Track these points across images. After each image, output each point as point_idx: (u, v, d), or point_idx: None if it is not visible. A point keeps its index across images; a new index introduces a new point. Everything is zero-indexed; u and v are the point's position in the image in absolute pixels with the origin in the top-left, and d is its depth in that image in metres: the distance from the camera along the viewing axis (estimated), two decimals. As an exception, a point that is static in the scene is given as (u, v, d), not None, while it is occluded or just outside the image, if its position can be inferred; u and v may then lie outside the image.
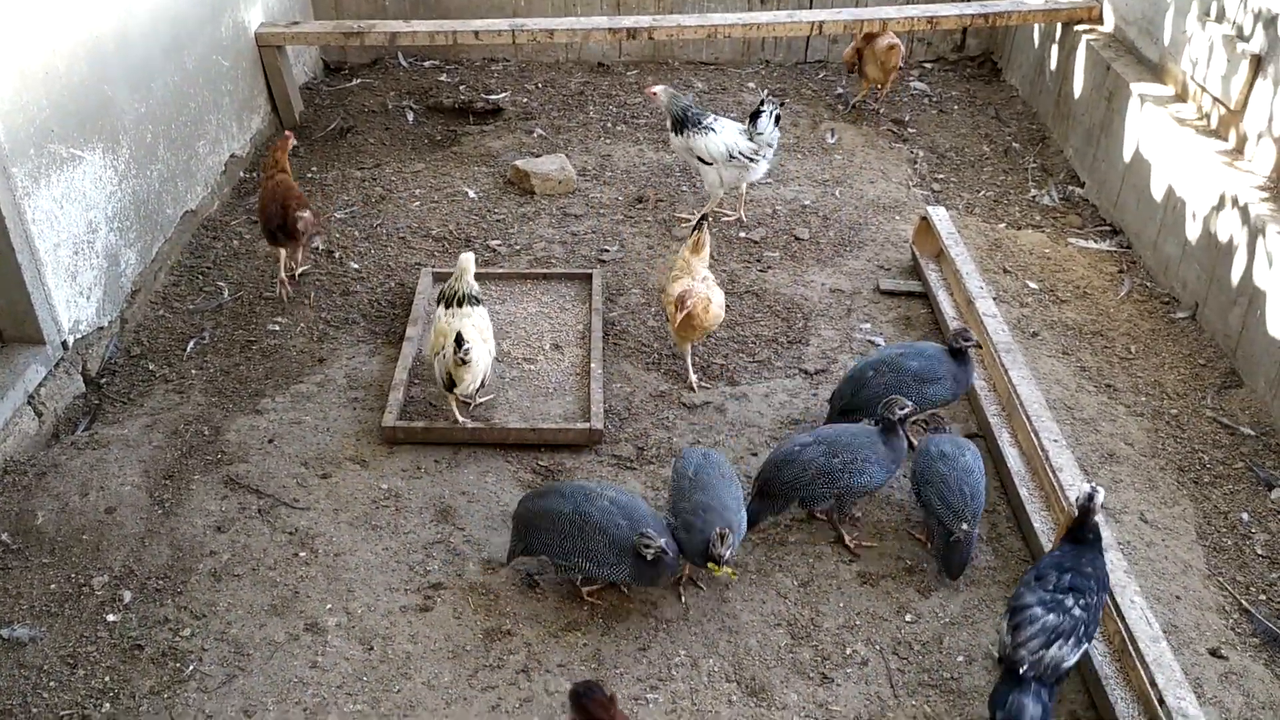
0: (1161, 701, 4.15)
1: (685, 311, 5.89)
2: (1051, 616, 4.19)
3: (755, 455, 5.83)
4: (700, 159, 7.57)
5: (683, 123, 7.62)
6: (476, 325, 5.72)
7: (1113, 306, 7.12)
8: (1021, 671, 4.10)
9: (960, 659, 4.76)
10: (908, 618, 4.95)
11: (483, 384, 5.77)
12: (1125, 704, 4.33)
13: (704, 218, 6.33)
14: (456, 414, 5.80)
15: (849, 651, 4.79)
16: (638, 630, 4.84)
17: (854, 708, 4.55)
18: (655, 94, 7.76)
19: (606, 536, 4.66)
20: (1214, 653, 4.74)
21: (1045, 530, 5.15)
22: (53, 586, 4.87)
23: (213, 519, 5.29)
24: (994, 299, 6.58)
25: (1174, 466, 5.78)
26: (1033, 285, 7.32)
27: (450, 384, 5.61)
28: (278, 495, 5.44)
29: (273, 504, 5.39)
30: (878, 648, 4.81)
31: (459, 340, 5.41)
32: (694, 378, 6.32)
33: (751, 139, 7.49)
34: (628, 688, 4.55)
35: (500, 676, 4.63)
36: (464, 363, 5.45)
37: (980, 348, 5.96)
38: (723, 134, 7.50)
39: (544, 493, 4.94)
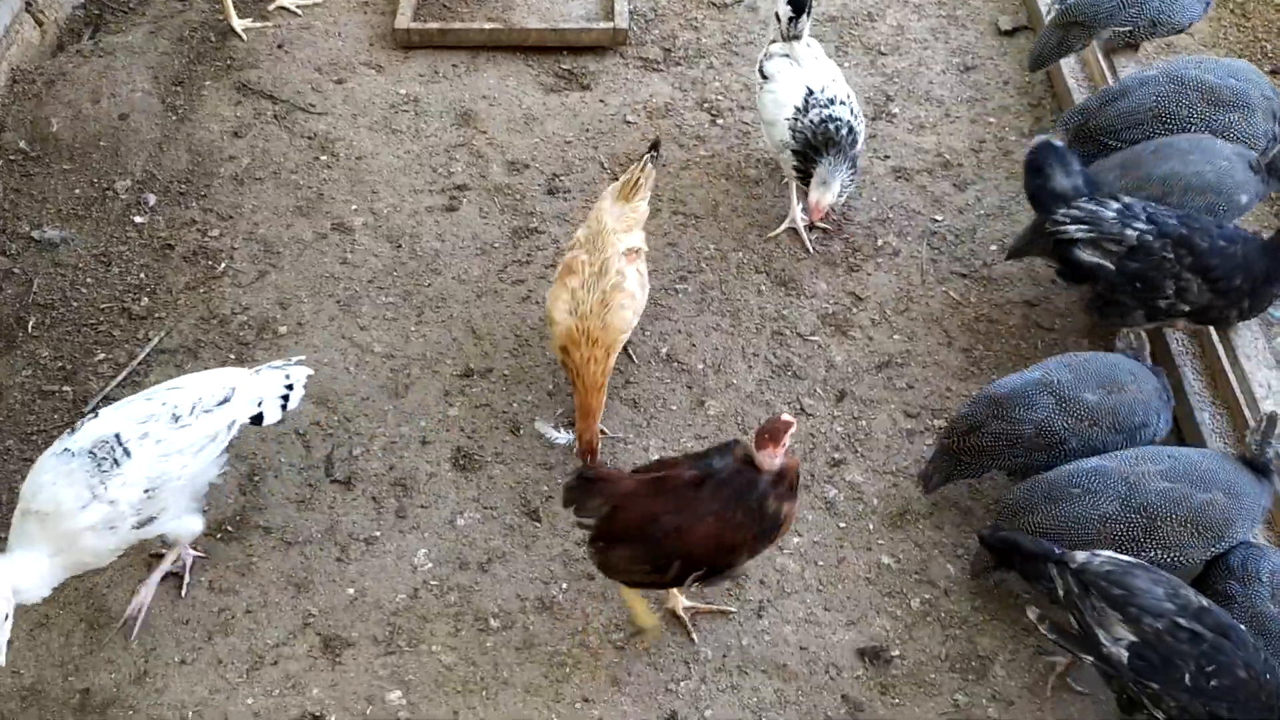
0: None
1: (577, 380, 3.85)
2: None
3: (788, 54, 5.53)
4: None
5: None
6: None
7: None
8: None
9: (994, 248, 4.71)
10: (942, 210, 4.86)
11: None
12: None
13: (656, 145, 4.33)
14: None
15: (880, 243, 4.74)
16: (666, 226, 4.80)
17: (882, 294, 4.56)
18: None
19: None
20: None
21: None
22: (77, 191, 4.83)
23: (229, 124, 5.16)
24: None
25: (1234, 55, 5.44)
26: None
27: None
28: (293, 101, 5.27)
29: (289, 109, 5.23)
30: (909, 239, 4.76)
31: None
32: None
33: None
34: (658, 280, 4.56)
35: (529, 271, 4.64)
36: None
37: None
38: None
39: None
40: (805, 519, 3.87)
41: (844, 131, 4.38)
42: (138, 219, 4.78)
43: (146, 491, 3.24)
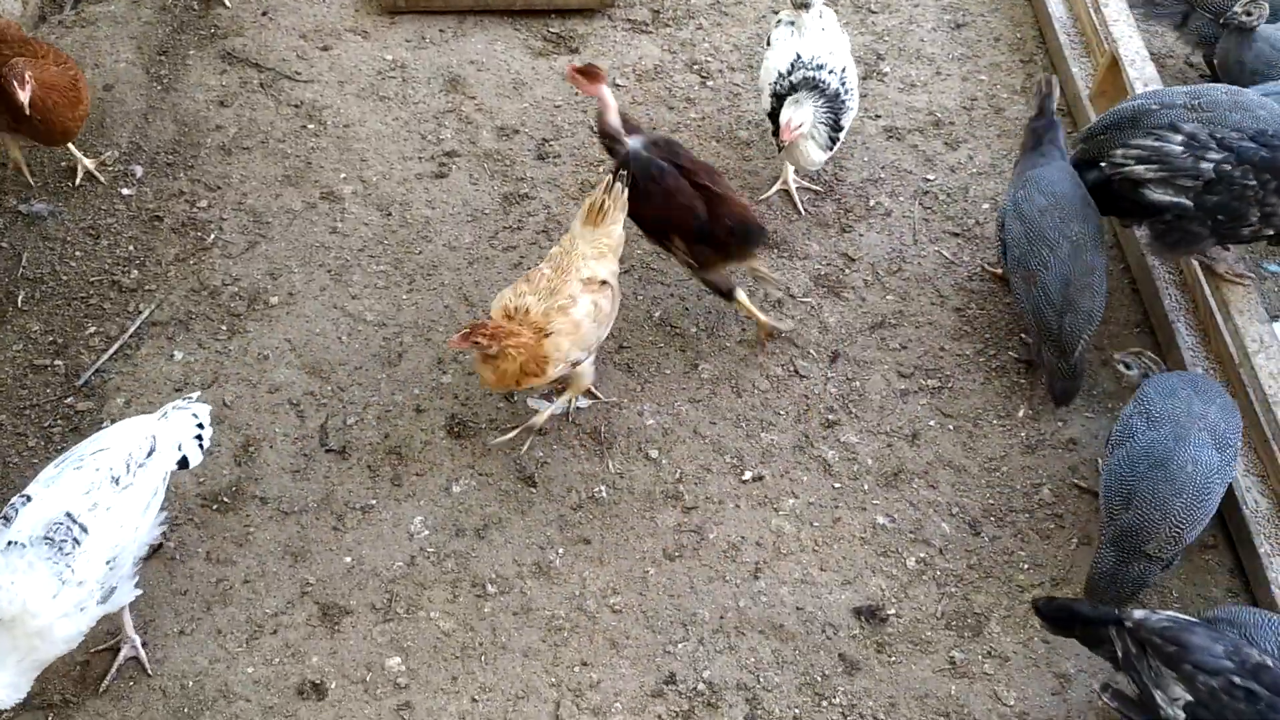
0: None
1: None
2: None
3: (777, 14, 5.47)
4: None
5: None
6: None
7: None
8: None
9: (985, 206, 4.69)
10: (934, 170, 4.83)
11: None
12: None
13: (623, 167, 3.94)
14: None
15: (872, 204, 4.72)
16: (657, 189, 4.77)
17: (874, 254, 4.55)
18: None
19: None
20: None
21: (1084, 75, 4.91)
22: (63, 163, 4.79)
23: (214, 94, 5.11)
24: None
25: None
26: None
27: None
28: (278, 69, 5.21)
29: (274, 77, 5.18)
30: (901, 199, 4.74)
31: None
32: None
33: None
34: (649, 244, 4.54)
35: (520, 237, 4.62)
36: None
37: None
38: None
39: None
40: (800, 480, 3.89)
41: (822, 83, 4.28)
42: (125, 191, 4.74)
43: (108, 563, 3.09)
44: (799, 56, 4.38)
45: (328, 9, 5.50)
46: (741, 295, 4.14)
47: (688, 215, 3.94)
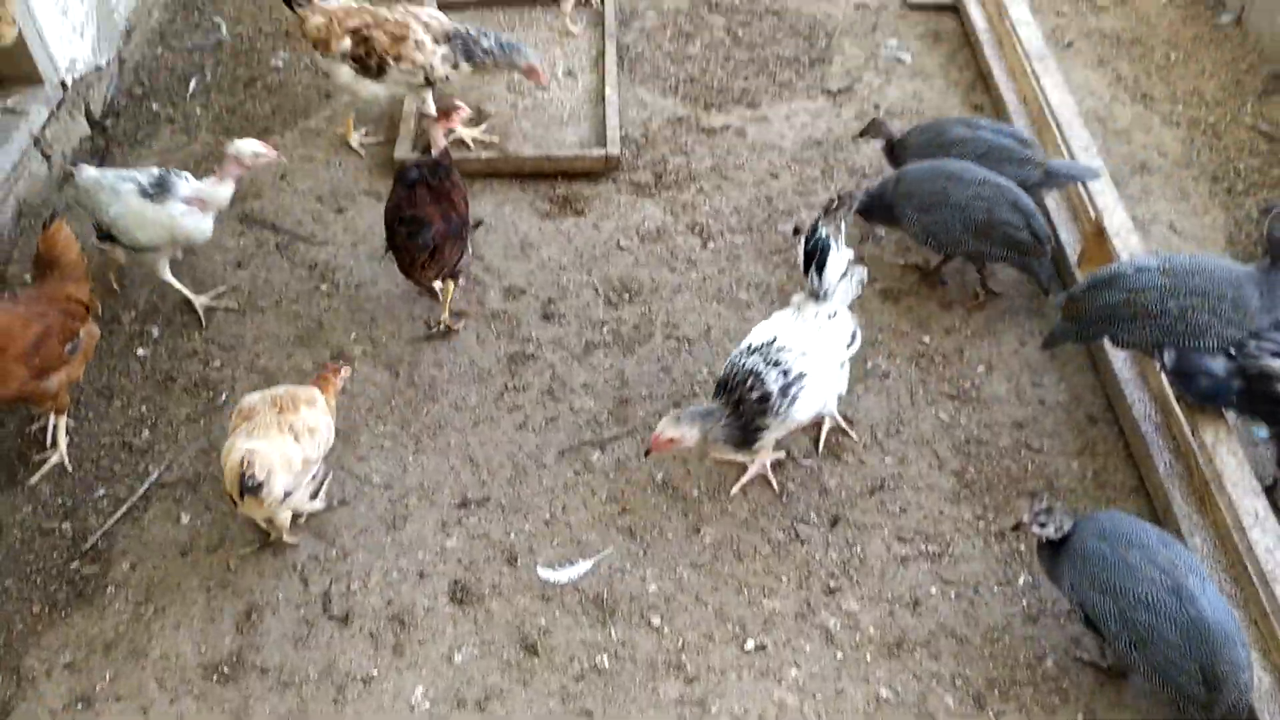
0: (1179, 399, 4.19)
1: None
2: None
3: (776, 178, 5.69)
4: None
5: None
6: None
7: (1154, 12, 6.72)
8: None
9: (980, 369, 4.79)
10: (929, 332, 4.95)
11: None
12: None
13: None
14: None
15: (870, 365, 4.82)
16: (659, 351, 4.88)
17: (873, 417, 4.62)
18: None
19: None
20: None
21: (1071, 241, 5.07)
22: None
23: (231, 255, 5.28)
24: (1028, 6, 6.20)
25: (1207, 176, 5.60)
26: (1070, -7, 6.91)
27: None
28: (294, 230, 5.40)
29: (290, 239, 5.36)
30: (898, 360, 4.84)
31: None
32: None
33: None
34: (655, 404, 4.64)
35: (526, 398, 4.71)
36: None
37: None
38: None
39: None
40: (802, 650, 3.88)
41: (750, 388, 3.89)
42: (140, 351, 4.86)
43: None
44: (772, 341, 4.01)
45: (343, 173, 5.72)
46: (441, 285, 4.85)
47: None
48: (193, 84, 6.34)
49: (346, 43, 5.35)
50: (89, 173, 4.75)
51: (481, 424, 4.61)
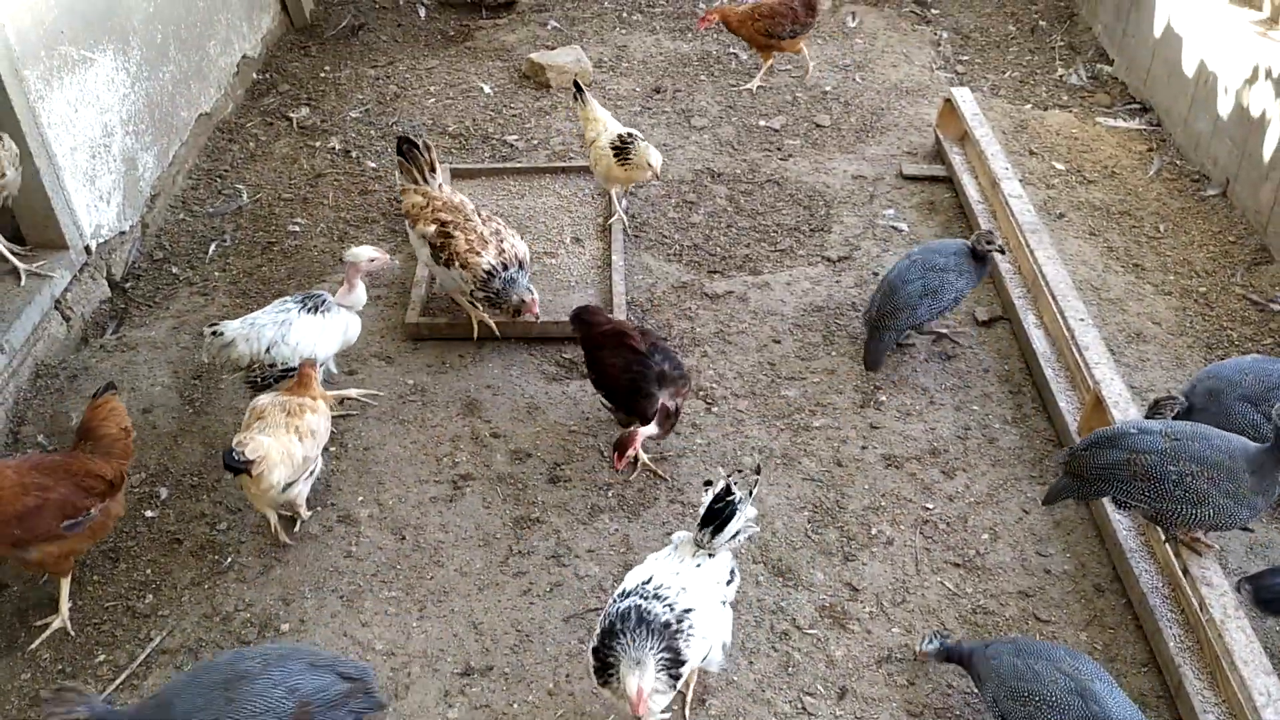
0: (1185, 572, 4.19)
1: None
2: None
3: (779, 343, 5.82)
4: None
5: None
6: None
7: (1141, 185, 6.99)
8: None
9: (985, 536, 4.80)
10: (932, 499, 4.98)
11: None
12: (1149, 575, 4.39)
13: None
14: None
15: (874, 532, 4.84)
16: (664, 515, 4.91)
17: (878, 585, 4.61)
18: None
19: None
20: (1245, 528, 4.75)
21: (1070, 409, 5.15)
22: (91, 485, 4.95)
23: (242, 418, 5.35)
24: (1019, 180, 6.46)
25: (1201, 344, 5.73)
26: (1059, 166, 7.18)
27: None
28: (305, 392, 5.49)
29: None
30: (902, 528, 4.86)
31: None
32: None
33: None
34: (656, 571, 4.63)
35: (531, 563, 4.71)
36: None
37: (1004, 252, 5.68)
38: None
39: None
40: (811, 831, 3.79)
41: (648, 613, 3.66)
42: (149, 513, 4.89)
43: None
44: (648, 580, 3.84)
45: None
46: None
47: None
48: (212, 248, 6.55)
49: (431, 229, 5.62)
50: (232, 325, 5.01)
51: (486, 589, 4.60)
